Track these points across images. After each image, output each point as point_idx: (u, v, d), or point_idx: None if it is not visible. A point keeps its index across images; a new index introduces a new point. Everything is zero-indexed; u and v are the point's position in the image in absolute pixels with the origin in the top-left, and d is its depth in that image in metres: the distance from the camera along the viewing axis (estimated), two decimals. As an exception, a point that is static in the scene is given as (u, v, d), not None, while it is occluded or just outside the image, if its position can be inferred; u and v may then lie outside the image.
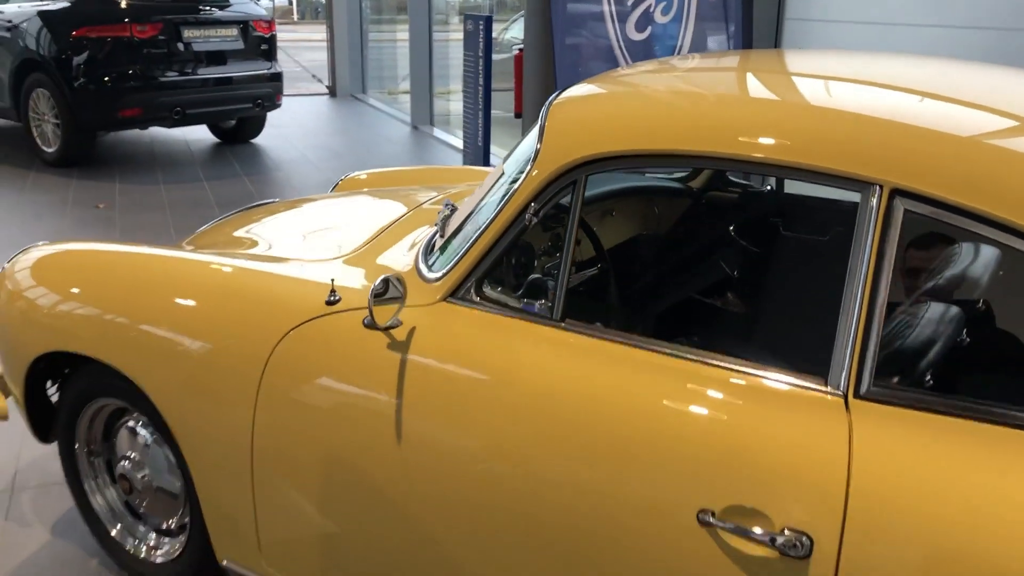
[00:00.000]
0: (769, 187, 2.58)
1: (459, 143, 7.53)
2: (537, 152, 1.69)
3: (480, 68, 6.37)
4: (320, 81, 12.54)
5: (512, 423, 1.58)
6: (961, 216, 1.33)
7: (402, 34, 10.45)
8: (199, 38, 7.30)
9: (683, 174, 2.73)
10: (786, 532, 1.33)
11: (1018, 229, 1.28)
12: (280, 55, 8.42)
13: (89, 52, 6.78)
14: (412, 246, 2.08)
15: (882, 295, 1.36)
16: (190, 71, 7.27)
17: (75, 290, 2.17)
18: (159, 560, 2.32)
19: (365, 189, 3.25)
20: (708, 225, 2.54)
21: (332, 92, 12.15)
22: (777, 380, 1.43)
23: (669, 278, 2.36)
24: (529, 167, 1.69)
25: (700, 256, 2.44)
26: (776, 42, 4.62)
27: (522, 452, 1.57)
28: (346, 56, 11.92)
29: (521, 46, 6.12)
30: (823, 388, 1.39)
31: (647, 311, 2.11)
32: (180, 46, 7.17)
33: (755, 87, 1.71)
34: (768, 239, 2.41)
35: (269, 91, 7.88)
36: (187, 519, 2.22)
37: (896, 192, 1.37)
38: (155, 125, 7.40)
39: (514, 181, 1.73)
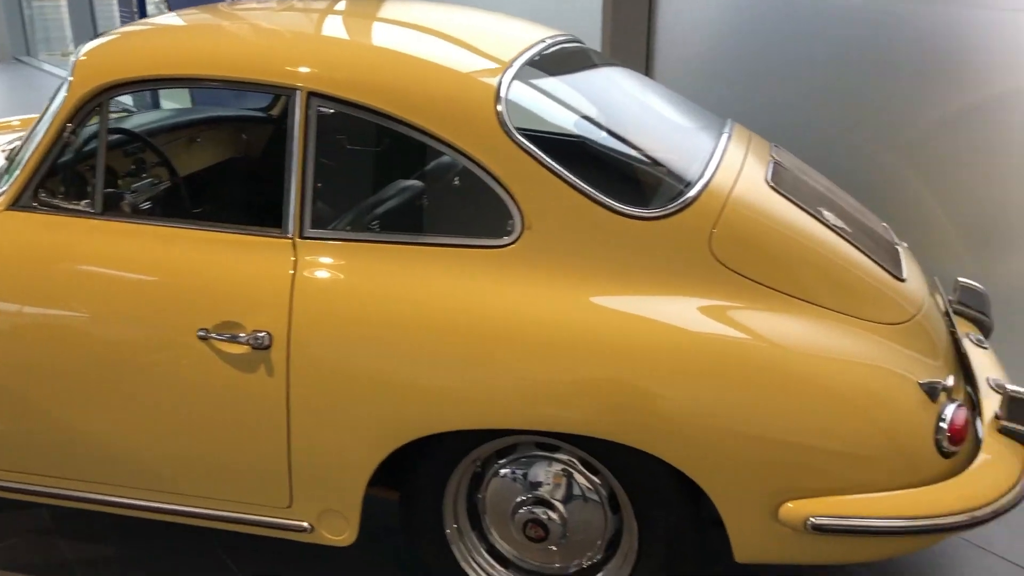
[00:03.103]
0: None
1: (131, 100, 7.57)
2: (69, 83, 2.15)
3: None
4: (-25, 45, 11.74)
5: (65, 293, 2.06)
6: (362, 111, 1.97)
7: (61, -9, 10.08)
8: None
9: (266, 104, 3.27)
10: (255, 332, 1.94)
11: (406, 121, 1.93)
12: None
13: None
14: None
15: (311, 169, 1.98)
16: None
17: None
18: None
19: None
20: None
21: (-9, 56, 11.43)
22: (252, 232, 2.02)
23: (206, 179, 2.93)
24: (63, 95, 2.15)
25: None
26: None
27: (78, 313, 2.06)
28: (1, 16, 11.25)
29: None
30: (279, 234, 1.99)
31: (181, 202, 2.65)
32: None
33: (253, 23, 2.26)
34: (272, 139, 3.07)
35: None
36: None
37: (312, 94, 1.98)
38: None
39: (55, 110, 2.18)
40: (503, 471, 2.02)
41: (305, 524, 2.06)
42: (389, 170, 2.12)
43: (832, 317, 1.93)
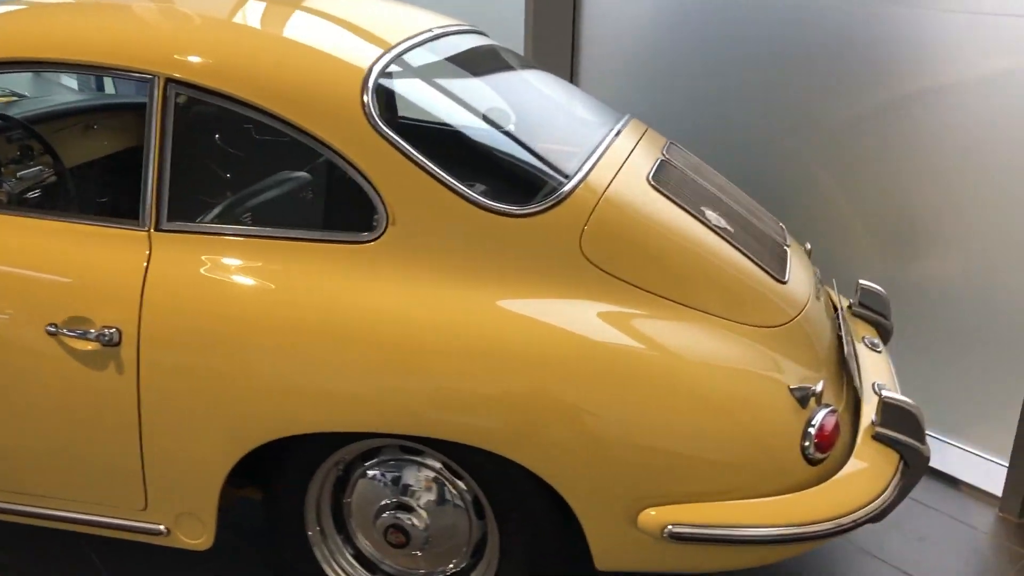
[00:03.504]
0: None
1: None
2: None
3: None
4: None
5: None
6: (223, 99, 1.89)
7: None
8: None
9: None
10: (104, 329, 1.86)
11: (266, 110, 1.85)
12: None
13: None
14: None
15: (168, 160, 1.90)
16: None
17: None
18: None
19: None
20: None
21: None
22: (110, 225, 1.94)
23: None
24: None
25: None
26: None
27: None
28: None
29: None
30: (136, 227, 1.91)
31: (63, 192, 2.56)
32: None
33: (120, 5, 2.17)
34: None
35: None
36: None
37: (169, 81, 1.90)
38: None
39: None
40: (369, 474, 1.96)
41: (161, 527, 1.98)
42: (255, 161, 2.05)
43: (702, 319, 1.88)
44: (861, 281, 2.58)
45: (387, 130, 1.86)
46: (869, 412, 2.01)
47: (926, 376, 2.88)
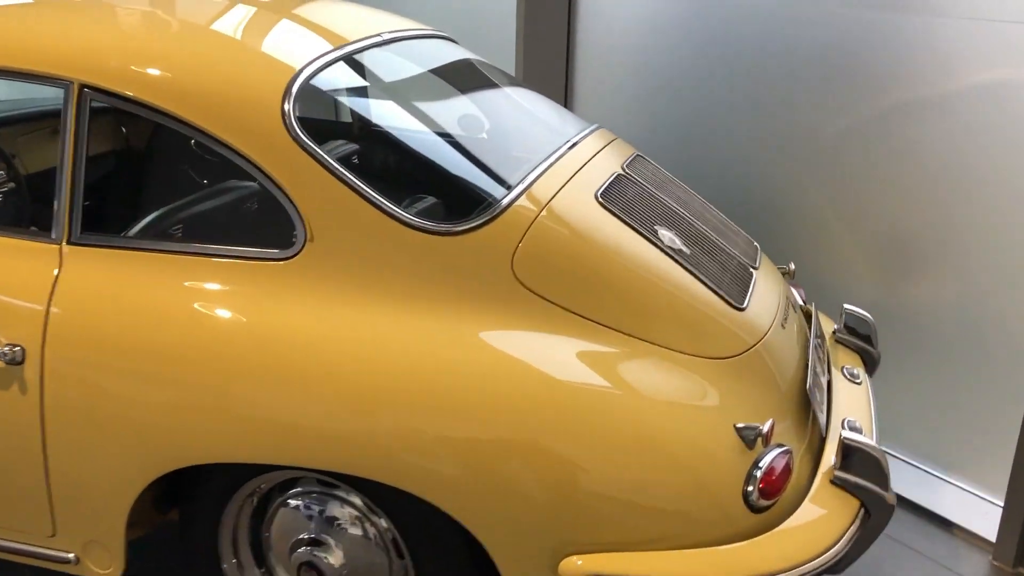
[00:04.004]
0: None
1: None
2: None
3: None
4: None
5: None
6: (136, 105, 1.80)
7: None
8: None
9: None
10: (8, 346, 1.77)
11: (181, 118, 1.76)
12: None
13: None
14: None
15: (82, 169, 1.81)
16: None
17: None
18: None
19: None
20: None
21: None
22: (22, 237, 1.85)
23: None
24: None
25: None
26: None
27: None
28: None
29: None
30: (47, 240, 1.82)
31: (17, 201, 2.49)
32: None
33: (43, 9, 2.09)
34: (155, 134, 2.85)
35: None
36: None
37: (84, 87, 1.81)
38: None
39: None
40: (290, 503, 1.84)
41: (70, 555, 1.89)
42: (176, 172, 1.95)
43: (641, 348, 1.73)
44: (846, 305, 2.40)
45: (307, 140, 1.75)
46: (832, 453, 1.85)
47: (917, 407, 2.68)
